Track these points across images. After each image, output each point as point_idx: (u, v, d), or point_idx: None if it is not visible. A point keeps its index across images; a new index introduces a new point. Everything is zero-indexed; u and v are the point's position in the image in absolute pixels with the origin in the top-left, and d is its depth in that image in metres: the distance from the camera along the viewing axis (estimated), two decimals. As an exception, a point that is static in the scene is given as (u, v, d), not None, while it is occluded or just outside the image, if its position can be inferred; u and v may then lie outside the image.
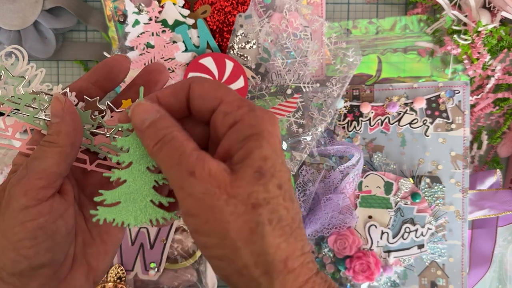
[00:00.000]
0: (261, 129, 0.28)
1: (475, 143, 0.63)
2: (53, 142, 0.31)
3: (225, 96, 0.29)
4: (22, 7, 0.57)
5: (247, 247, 0.26)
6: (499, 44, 0.59)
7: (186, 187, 0.27)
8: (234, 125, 0.28)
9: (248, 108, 0.28)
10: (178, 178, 0.27)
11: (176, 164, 0.27)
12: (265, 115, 0.28)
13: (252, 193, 0.26)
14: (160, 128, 0.29)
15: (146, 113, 0.29)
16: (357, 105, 0.59)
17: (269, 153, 0.27)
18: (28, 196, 0.29)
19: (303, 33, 0.57)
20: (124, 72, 0.34)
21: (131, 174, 0.31)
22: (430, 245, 0.59)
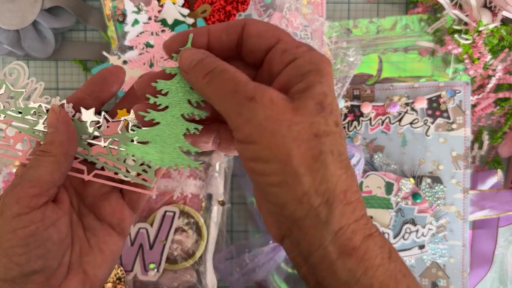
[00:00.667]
0: (321, 67, 0.28)
1: (476, 143, 0.63)
2: (47, 152, 0.32)
3: (283, 36, 0.29)
4: (21, 6, 0.57)
5: (310, 174, 0.26)
6: (500, 44, 0.59)
7: (246, 113, 0.27)
8: (293, 60, 0.28)
9: (307, 47, 0.29)
10: (235, 104, 0.27)
11: (231, 92, 0.27)
12: (323, 57, 0.29)
13: (314, 123, 0.26)
14: (208, 62, 0.29)
15: (193, 55, 0.30)
16: (357, 105, 0.59)
17: (328, 91, 0.27)
18: (20, 204, 0.30)
19: (303, 33, 0.57)
20: (119, 83, 0.34)
21: (165, 118, 0.31)
22: (431, 246, 0.59)
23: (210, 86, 0.28)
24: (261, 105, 0.26)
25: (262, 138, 0.26)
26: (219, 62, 0.29)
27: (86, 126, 0.33)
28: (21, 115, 0.34)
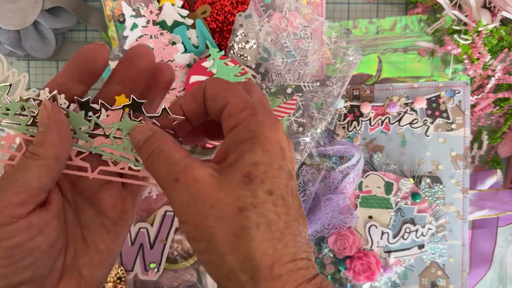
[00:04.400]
0: (257, 134, 0.27)
1: (476, 143, 0.63)
2: (36, 154, 0.29)
3: (232, 98, 0.29)
4: (22, 7, 0.57)
5: (233, 252, 0.26)
6: (500, 44, 0.59)
7: (173, 194, 0.27)
8: (234, 128, 0.28)
9: (250, 112, 0.28)
10: (167, 187, 0.27)
11: (165, 174, 0.28)
12: (267, 120, 0.28)
13: (239, 197, 0.26)
14: (150, 144, 0.29)
15: (140, 134, 0.30)
16: (357, 105, 0.59)
17: (262, 159, 0.26)
18: (3, 214, 0.28)
19: (303, 33, 0.57)
20: (101, 62, 0.31)
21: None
22: (431, 245, 0.59)
23: (152, 168, 0.29)
24: (184, 185, 0.26)
25: (188, 218, 0.26)
26: (159, 143, 0.29)
27: (84, 117, 0.31)
28: (10, 112, 0.30)
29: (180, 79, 0.57)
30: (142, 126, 0.31)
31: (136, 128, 0.31)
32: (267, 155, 0.27)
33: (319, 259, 0.60)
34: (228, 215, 0.26)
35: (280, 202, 0.27)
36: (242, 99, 0.29)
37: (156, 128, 0.30)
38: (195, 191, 0.26)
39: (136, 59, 0.32)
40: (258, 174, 0.26)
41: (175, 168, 0.27)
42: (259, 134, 0.27)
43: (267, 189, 0.26)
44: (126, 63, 0.32)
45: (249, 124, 0.27)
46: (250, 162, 0.26)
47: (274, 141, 0.27)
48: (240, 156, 0.27)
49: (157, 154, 0.28)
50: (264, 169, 0.26)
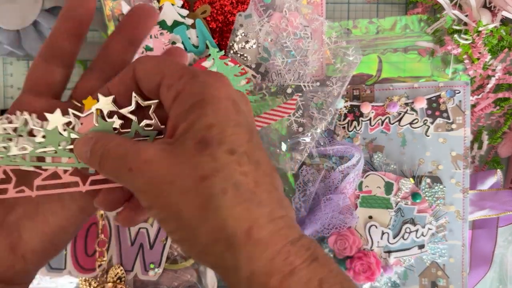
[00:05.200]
0: (204, 96, 0.25)
1: (476, 143, 0.63)
2: None
3: (166, 69, 0.26)
4: (21, 6, 0.57)
5: (203, 225, 0.24)
6: (500, 44, 0.59)
7: (131, 184, 0.25)
8: (177, 97, 0.26)
9: (189, 76, 0.26)
10: (123, 180, 0.26)
11: (118, 169, 0.26)
12: (209, 79, 0.25)
13: (197, 165, 0.24)
14: (96, 151, 0.27)
15: (83, 146, 0.28)
16: (357, 105, 0.59)
17: (215, 119, 0.24)
18: None
19: (303, 33, 0.57)
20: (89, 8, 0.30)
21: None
22: (431, 245, 0.59)
23: (106, 171, 0.27)
24: (138, 171, 0.25)
25: (152, 202, 0.25)
26: (104, 146, 0.27)
27: (59, 133, 0.29)
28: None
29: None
30: (80, 139, 0.29)
31: (77, 143, 0.29)
32: (220, 114, 0.25)
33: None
34: (190, 187, 0.24)
35: (245, 160, 0.24)
36: (178, 67, 0.26)
37: (97, 134, 0.28)
38: (150, 173, 0.24)
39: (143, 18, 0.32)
40: (213, 135, 0.24)
41: (125, 159, 0.26)
42: (205, 95, 0.25)
43: (227, 149, 0.24)
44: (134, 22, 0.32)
45: (192, 88, 0.25)
46: (203, 126, 0.24)
47: (224, 98, 0.25)
48: (191, 124, 0.24)
49: (105, 156, 0.27)
50: (220, 129, 0.24)
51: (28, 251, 0.30)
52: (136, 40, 0.32)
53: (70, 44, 0.31)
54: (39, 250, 0.31)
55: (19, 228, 0.30)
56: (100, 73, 0.32)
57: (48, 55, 0.31)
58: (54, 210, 0.31)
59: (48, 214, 0.31)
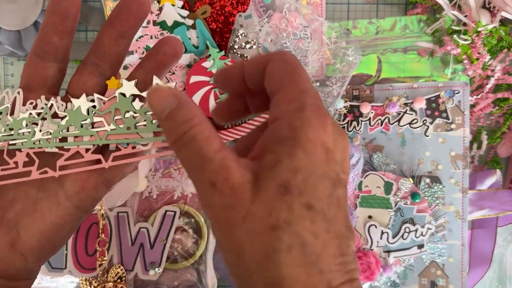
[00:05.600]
0: (299, 134, 0.23)
1: (475, 143, 0.63)
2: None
3: (288, 84, 0.25)
4: (22, 7, 0.57)
5: (260, 274, 0.23)
6: (499, 44, 0.59)
7: (207, 197, 0.24)
8: (275, 121, 0.25)
9: (297, 105, 0.24)
10: (199, 185, 0.25)
11: (197, 169, 0.25)
12: (313, 119, 0.24)
13: (273, 211, 0.23)
14: (179, 122, 0.25)
15: (163, 101, 0.26)
16: (357, 105, 0.59)
17: (302, 165, 0.23)
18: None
19: (303, 33, 0.57)
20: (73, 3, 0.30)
21: None
22: (430, 245, 0.59)
23: (180, 154, 0.25)
24: (221, 193, 0.24)
25: (219, 227, 0.24)
26: (190, 123, 0.25)
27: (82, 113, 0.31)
28: (14, 131, 0.31)
29: (180, 79, 0.57)
30: (161, 89, 0.26)
31: (155, 93, 0.26)
32: (309, 160, 0.23)
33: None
34: (260, 231, 0.23)
35: (320, 218, 0.23)
36: (298, 89, 0.25)
37: (182, 96, 0.26)
38: (230, 200, 0.23)
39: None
40: (296, 184, 0.23)
41: (210, 166, 0.24)
42: (301, 135, 0.23)
43: (305, 202, 0.23)
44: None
45: (292, 121, 0.24)
46: (288, 168, 0.23)
47: (318, 144, 0.24)
48: (278, 160, 0.23)
49: (188, 141, 0.25)
50: (304, 177, 0.23)
51: (27, 248, 0.31)
52: (127, 32, 0.31)
53: (59, 39, 0.30)
54: (37, 248, 0.31)
55: (17, 225, 0.31)
56: (94, 67, 0.31)
57: (40, 51, 0.31)
58: (50, 207, 0.31)
59: (45, 211, 0.31)
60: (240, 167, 0.24)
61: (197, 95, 0.57)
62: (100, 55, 0.31)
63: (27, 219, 0.31)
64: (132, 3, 0.30)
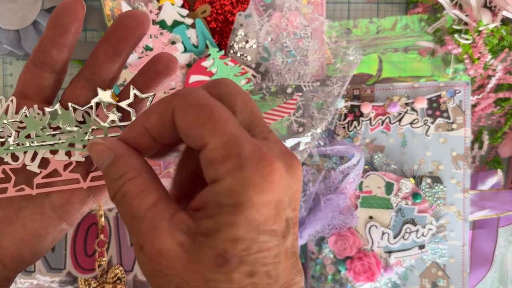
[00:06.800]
0: (242, 200, 0.21)
1: (476, 143, 0.63)
2: None
3: (209, 138, 0.22)
4: (21, 6, 0.57)
5: None
6: (500, 44, 0.59)
7: (139, 262, 0.23)
8: (214, 182, 0.22)
9: (233, 164, 0.21)
10: (133, 245, 0.23)
11: (129, 228, 0.23)
12: (256, 177, 0.21)
13: (210, 282, 0.21)
14: (113, 179, 0.24)
15: (100, 156, 0.25)
16: (357, 105, 0.59)
17: (244, 233, 0.21)
18: None
19: (303, 32, 0.57)
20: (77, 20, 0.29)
21: None
22: (431, 246, 0.59)
23: (118, 210, 0.24)
24: (148, 257, 0.22)
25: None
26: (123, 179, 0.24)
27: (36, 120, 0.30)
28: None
29: (179, 79, 0.57)
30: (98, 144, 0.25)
31: (93, 147, 0.25)
32: (252, 226, 0.21)
33: (320, 260, 0.60)
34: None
35: (264, 282, 0.22)
36: (224, 139, 0.22)
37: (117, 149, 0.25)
38: (160, 267, 0.22)
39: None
40: (236, 253, 0.21)
41: (138, 227, 0.23)
42: (243, 200, 0.21)
43: (247, 270, 0.21)
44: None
45: (232, 185, 0.21)
46: (227, 238, 0.21)
47: (264, 205, 0.21)
48: (216, 228, 0.21)
49: (120, 199, 0.24)
50: (246, 246, 0.21)
51: (6, 256, 0.30)
52: (123, 50, 0.30)
53: (58, 53, 0.29)
54: (16, 256, 0.30)
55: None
56: (88, 81, 0.30)
57: (38, 60, 0.30)
58: (34, 217, 0.30)
59: (27, 220, 0.30)
60: (172, 228, 0.22)
61: (197, 95, 0.56)
62: (95, 70, 0.30)
63: (8, 227, 0.30)
64: (130, 21, 0.29)
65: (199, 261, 0.21)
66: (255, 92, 0.57)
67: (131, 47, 0.30)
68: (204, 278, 0.21)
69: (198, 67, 0.56)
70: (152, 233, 0.22)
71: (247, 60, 0.57)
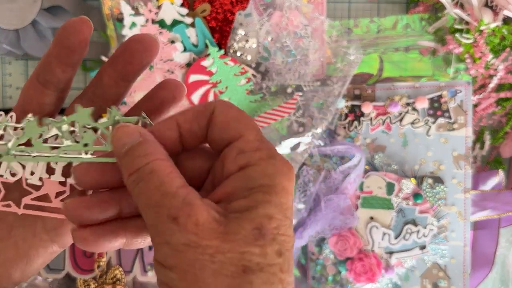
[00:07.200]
0: (275, 182, 0.23)
1: (478, 143, 0.62)
2: None
3: (246, 131, 0.25)
4: (20, 6, 0.57)
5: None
6: (502, 43, 0.58)
7: (165, 233, 0.22)
8: (245, 167, 0.24)
9: (267, 153, 0.24)
10: (155, 220, 0.23)
11: (155, 205, 0.23)
12: (285, 167, 0.24)
13: (245, 253, 0.22)
14: (138, 155, 0.24)
15: (127, 137, 0.25)
16: (358, 104, 0.59)
17: (277, 212, 0.23)
18: None
19: (304, 32, 0.57)
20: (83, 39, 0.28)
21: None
22: (432, 246, 0.59)
23: (135, 189, 0.24)
24: (183, 228, 0.22)
25: (179, 266, 0.22)
26: (151, 157, 0.24)
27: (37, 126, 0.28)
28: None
29: (179, 79, 0.57)
30: (128, 126, 0.26)
31: (121, 128, 0.25)
32: (282, 209, 0.23)
33: (320, 260, 0.60)
34: (229, 272, 0.22)
35: (286, 267, 0.23)
36: (258, 136, 0.25)
37: (147, 133, 0.25)
38: (196, 238, 0.22)
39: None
40: (270, 229, 0.23)
41: (171, 202, 0.23)
42: (277, 183, 0.23)
43: (277, 249, 0.23)
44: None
45: (267, 168, 0.24)
46: (264, 213, 0.23)
47: (289, 192, 0.24)
48: (253, 204, 0.23)
49: (147, 173, 0.24)
50: (277, 225, 0.23)
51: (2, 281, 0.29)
52: (129, 76, 0.29)
53: (63, 72, 0.29)
54: (4, 276, 0.29)
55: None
56: (90, 103, 0.30)
57: (41, 78, 0.29)
58: (25, 236, 0.29)
59: (18, 239, 0.29)
60: (206, 205, 0.23)
61: (196, 94, 0.56)
62: (98, 93, 0.30)
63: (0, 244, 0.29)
64: (138, 45, 0.28)
65: (236, 233, 0.22)
66: (255, 92, 0.57)
67: (138, 73, 0.29)
68: (239, 250, 0.22)
69: (198, 66, 0.56)
70: (189, 206, 0.22)
71: (247, 60, 0.57)
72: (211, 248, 0.22)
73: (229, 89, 0.56)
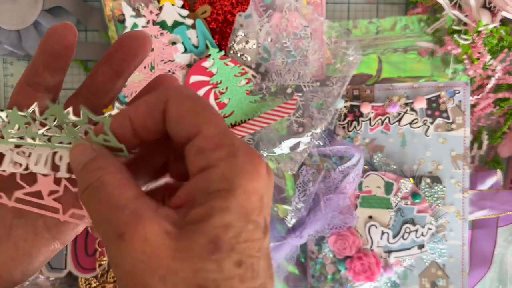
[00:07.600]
0: (234, 185, 0.21)
1: (476, 143, 0.63)
2: None
3: (204, 126, 0.22)
4: (22, 7, 0.57)
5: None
6: (500, 44, 0.59)
7: (114, 254, 0.21)
8: (205, 169, 0.22)
9: (228, 151, 0.21)
10: (105, 238, 0.21)
11: (105, 220, 0.21)
12: (248, 165, 0.21)
13: (199, 271, 0.20)
14: (89, 171, 0.23)
15: (81, 155, 0.24)
16: (357, 105, 0.59)
17: (235, 219, 0.21)
18: None
19: (303, 33, 0.57)
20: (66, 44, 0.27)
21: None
22: (430, 245, 0.59)
23: (88, 206, 0.23)
24: (130, 246, 0.20)
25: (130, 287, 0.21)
26: (101, 171, 0.22)
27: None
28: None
29: (180, 80, 0.57)
30: (83, 144, 0.24)
31: (76, 147, 0.24)
32: (242, 213, 0.21)
33: (320, 259, 0.60)
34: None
35: (249, 275, 0.21)
36: (218, 130, 0.22)
37: (102, 150, 0.24)
38: (144, 257, 0.20)
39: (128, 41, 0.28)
40: (227, 240, 0.21)
41: (119, 216, 0.21)
42: (236, 186, 0.21)
43: (236, 259, 0.21)
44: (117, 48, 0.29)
45: (225, 170, 0.21)
46: (219, 224, 0.21)
47: (253, 193, 0.21)
48: (208, 214, 0.21)
49: (96, 188, 0.22)
50: (236, 233, 0.21)
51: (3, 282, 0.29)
52: (123, 72, 0.29)
53: (51, 76, 0.28)
54: (5, 277, 0.29)
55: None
56: (85, 100, 0.29)
57: (31, 81, 0.29)
58: (26, 236, 0.29)
59: (19, 240, 0.29)
60: (158, 217, 0.21)
61: (197, 95, 0.57)
62: (93, 91, 0.29)
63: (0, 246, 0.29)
64: (132, 42, 0.28)
65: (188, 249, 0.20)
66: (255, 92, 0.57)
67: (132, 69, 0.29)
68: (193, 268, 0.20)
69: (198, 67, 0.56)
70: (136, 220, 0.21)
71: (247, 61, 0.57)
72: (162, 268, 0.20)
73: (229, 89, 0.56)
